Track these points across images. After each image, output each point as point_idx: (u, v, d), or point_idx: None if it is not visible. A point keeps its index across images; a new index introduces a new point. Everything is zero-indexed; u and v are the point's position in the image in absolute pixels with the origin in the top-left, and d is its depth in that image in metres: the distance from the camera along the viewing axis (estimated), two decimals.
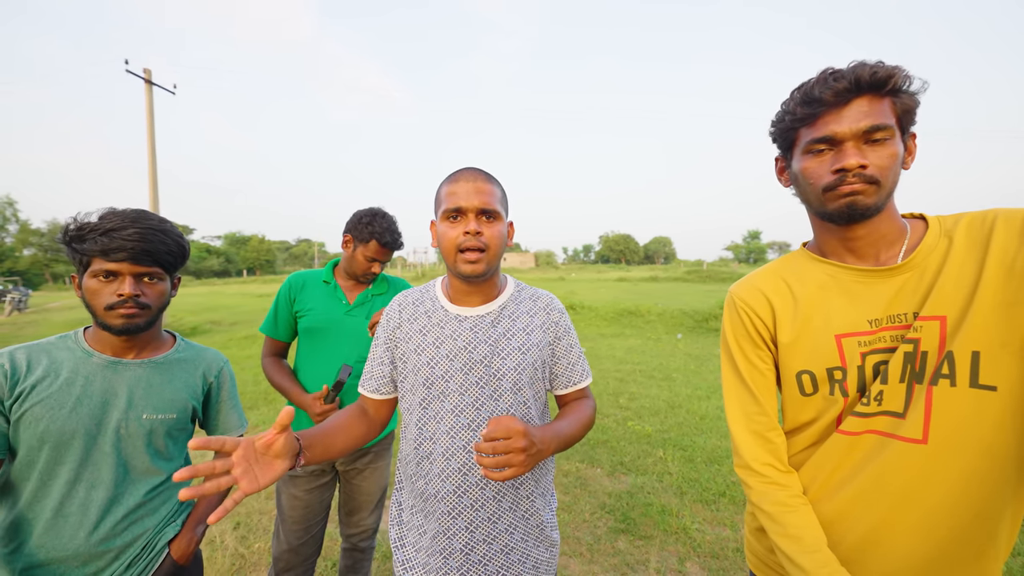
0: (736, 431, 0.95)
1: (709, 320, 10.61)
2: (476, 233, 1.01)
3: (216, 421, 1.30)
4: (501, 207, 1.07)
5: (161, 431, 1.13)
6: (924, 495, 0.78)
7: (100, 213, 1.06)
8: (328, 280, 1.84)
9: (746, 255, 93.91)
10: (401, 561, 1.09)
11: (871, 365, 0.82)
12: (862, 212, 0.80)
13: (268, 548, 2.55)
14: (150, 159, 12.84)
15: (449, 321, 1.10)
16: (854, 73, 0.77)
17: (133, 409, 1.09)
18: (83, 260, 1.05)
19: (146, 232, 1.05)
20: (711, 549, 2.55)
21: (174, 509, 1.17)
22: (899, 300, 0.82)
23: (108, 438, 1.06)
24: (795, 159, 0.87)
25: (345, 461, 1.79)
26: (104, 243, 1.01)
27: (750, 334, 0.94)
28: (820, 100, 0.80)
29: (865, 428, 0.82)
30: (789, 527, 0.84)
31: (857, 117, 0.78)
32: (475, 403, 1.04)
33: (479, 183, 1.04)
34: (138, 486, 1.10)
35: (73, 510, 1.02)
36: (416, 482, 1.08)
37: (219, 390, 1.28)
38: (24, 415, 0.99)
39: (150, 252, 1.05)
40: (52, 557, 1.00)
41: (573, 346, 1.17)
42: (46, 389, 1.01)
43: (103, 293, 1.04)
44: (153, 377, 1.14)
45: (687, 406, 5.04)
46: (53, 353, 1.06)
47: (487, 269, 1.04)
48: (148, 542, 1.11)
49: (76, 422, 1.02)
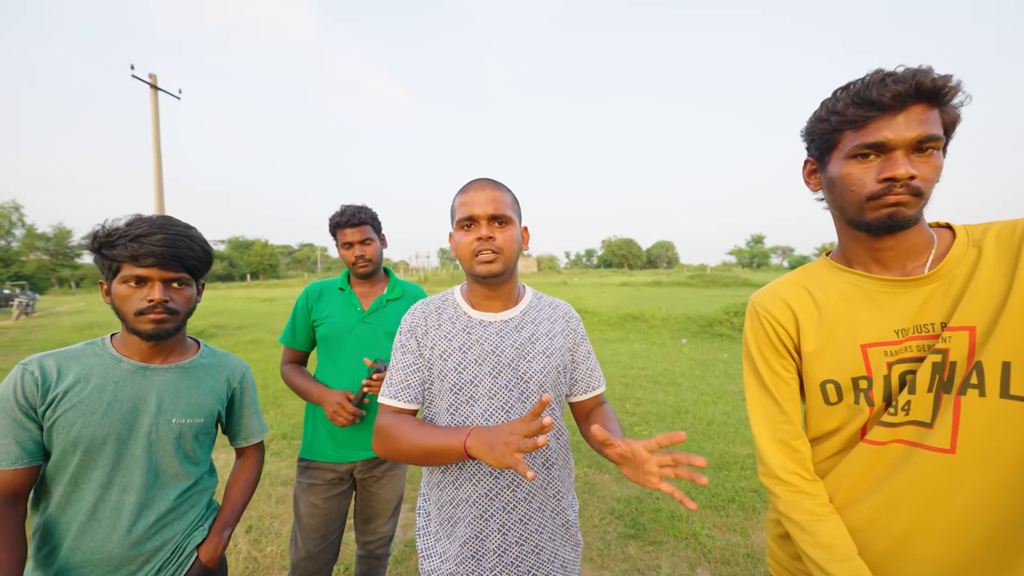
0: (761, 440, 0.95)
1: (713, 325, 10.59)
2: (488, 238, 1.05)
3: (239, 426, 1.31)
4: (512, 212, 1.10)
5: (189, 435, 1.14)
6: (951, 503, 0.78)
7: (127, 220, 1.07)
8: (343, 287, 1.85)
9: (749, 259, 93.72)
10: (428, 572, 1.10)
11: (897, 375, 0.83)
12: (902, 223, 0.79)
13: (281, 552, 2.56)
14: (155, 163, 12.92)
15: (474, 326, 1.11)
16: (915, 78, 0.74)
17: (163, 414, 1.10)
18: (112, 266, 1.06)
19: (173, 238, 1.06)
20: (721, 555, 2.55)
21: (201, 514, 1.19)
22: (927, 310, 0.82)
23: (140, 442, 1.07)
24: (834, 163, 0.84)
25: (363, 469, 1.79)
26: (134, 249, 1.03)
27: (773, 343, 0.94)
28: (875, 103, 0.76)
29: (892, 438, 0.83)
30: (820, 536, 0.84)
31: (911, 125, 0.75)
32: (504, 406, 1.06)
33: (488, 191, 1.07)
34: (168, 490, 1.12)
35: (106, 513, 1.03)
36: (444, 490, 1.09)
37: (242, 395, 1.29)
38: (57, 421, 1.01)
39: (178, 257, 1.07)
40: (86, 560, 1.01)
41: (590, 353, 1.21)
42: (77, 395, 1.03)
43: (133, 299, 1.05)
44: (181, 382, 1.15)
45: (693, 411, 5.04)
46: (82, 359, 1.07)
47: (503, 268, 1.07)
48: (177, 546, 1.12)
49: (108, 427, 1.04)
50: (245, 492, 1.30)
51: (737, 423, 4.67)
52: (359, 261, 1.79)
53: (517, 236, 1.10)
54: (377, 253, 1.84)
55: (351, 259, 1.80)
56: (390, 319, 1.83)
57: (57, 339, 10.25)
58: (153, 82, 13.16)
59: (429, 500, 1.16)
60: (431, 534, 1.13)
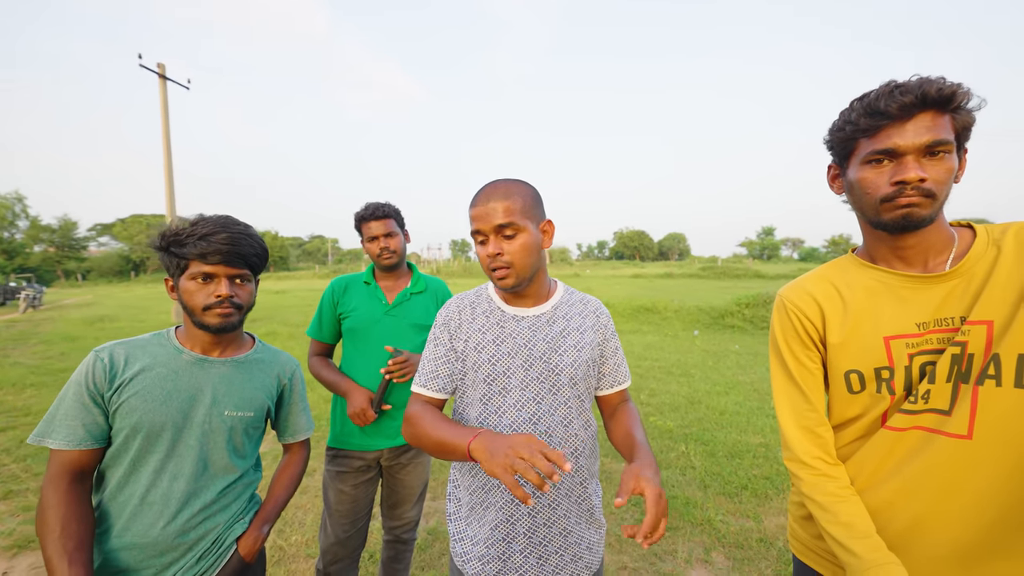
0: (786, 426, 1.00)
1: (725, 316, 10.57)
2: (496, 254, 1.06)
3: (287, 422, 1.35)
4: (522, 218, 1.06)
5: (240, 428, 1.19)
6: (968, 486, 0.83)
7: (192, 220, 1.13)
8: (368, 281, 1.91)
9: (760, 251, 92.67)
10: (460, 554, 1.15)
11: (918, 366, 0.87)
12: (917, 223, 0.84)
13: (305, 541, 2.65)
14: (165, 154, 12.96)
15: (508, 320, 1.15)
16: (921, 88, 0.79)
17: (217, 405, 1.15)
18: (180, 264, 1.11)
19: (236, 236, 1.12)
20: (735, 540, 2.60)
21: (243, 507, 1.23)
22: (947, 305, 0.86)
23: (194, 432, 1.12)
24: (852, 168, 0.90)
25: (389, 456, 1.86)
26: (202, 247, 1.08)
27: (799, 335, 0.98)
28: (884, 112, 0.82)
29: (911, 424, 0.87)
30: (841, 515, 0.89)
31: (920, 132, 0.80)
32: (535, 398, 1.10)
33: (493, 202, 1.06)
34: (215, 482, 1.16)
35: (156, 499, 1.08)
36: (476, 476, 1.14)
37: (291, 392, 1.34)
38: (122, 406, 1.06)
39: (241, 255, 1.12)
40: (134, 543, 1.06)
41: (618, 349, 1.24)
42: (141, 382, 1.08)
43: (201, 294, 1.11)
44: (235, 375, 1.20)
45: (707, 402, 5.08)
46: (149, 349, 1.13)
47: (516, 282, 1.09)
48: (218, 537, 1.16)
49: (166, 414, 1.09)
50: (288, 488, 1.34)
51: (749, 413, 4.70)
52: (383, 253, 1.85)
53: (532, 241, 1.08)
54: (401, 246, 1.90)
55: (376, 251, 1.86)
56: (414, 312, 1.89)
57: (66, 332, 10.30)
58: (162, 72, 13.11)
59: (459, 486, 1.21)
60: (462, 518, 1.18)
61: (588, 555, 1.17)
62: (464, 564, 1.14)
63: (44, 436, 1.03)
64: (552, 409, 1.11)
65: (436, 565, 2.45)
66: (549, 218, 1.16)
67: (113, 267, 51.40)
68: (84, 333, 10.18)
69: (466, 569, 1.13)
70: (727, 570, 2.38)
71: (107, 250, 56.06)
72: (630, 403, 1.26)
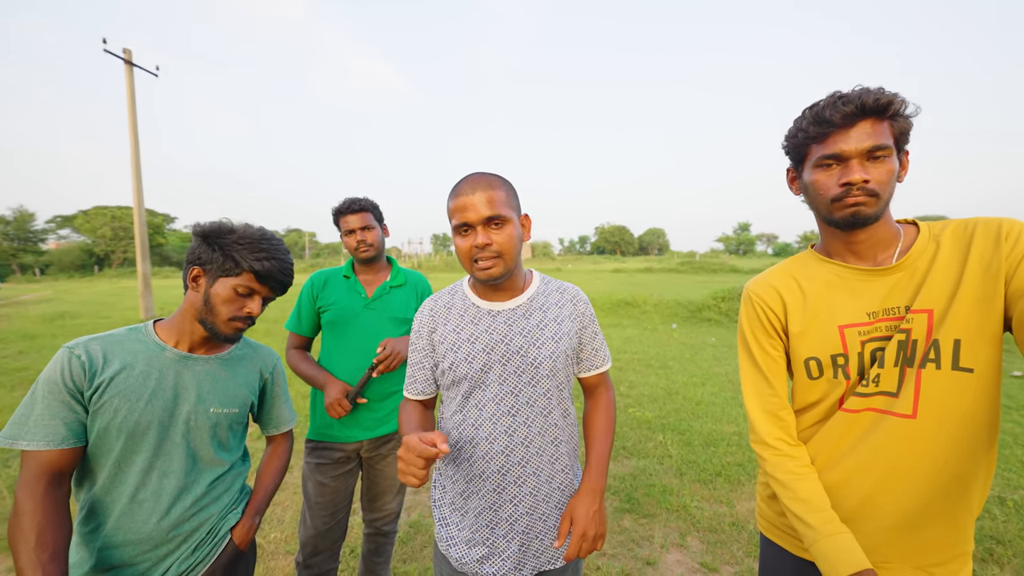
0: (752, 411, 1.06)
1: (702, 310, 10.80)
2: (485, 245, 1.06)
3: (270, 415, 1.36)
4: (507, 209, 1.08)
5: (224, 424, 1.19)
6: (912, 462, 0.90)
7: (257, 234, 1.14)
8: (348, 275, 1.91)
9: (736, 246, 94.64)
10: (445, 539, 1.19)
11: (869, 352, 0.94)
12: (863, 220, 0.91)
13: (284, 538, 2.64)
14: (132, 144, 12.44)
15: (483, 317, 1.17)
16: (860, 99, 0.87)
17: (202, 403, 1.14)
18: (232, 269, 1.12)
19: (288, 266, 1.18)
20: (709, 524, 2.70)
21: (235, 497, 1.24)
22: (894, 295, 0.93)
23: (179, 429, 1.11)
24: (806, 171, 0.98)
25: (369, 448, 1.87)
26: (267, 268, 1.12)
27: (764, 326, 1.05)
28: (830, 121, 0.90)
29: (864, 406, 0.94)
30: (799, 492, 0.96)
31: (861, 138, 0.88)
32: (514, 391, 1.13)
33: (479, 193, 1.06)
34: (204, 476, 1.16)
35: (147, 496, 1.07)
36: (460, 466, 1.17)
37: (273, 385, 1.34)
38: (103, 406, 1.04)
39: (285, 285, 1.19)
40: (127, 539, 1.06)
41: (597, 334, 1.26)
42: (123, 381, 1.06)
43: (234, 304, 1.13)
44: (218, 373, 1.19)
45: (684, 393, 5.20)
46: (126, 345, 1.10)
47: (503, 272, 1.09)
48: (212, 528, 1.17)
49: (151, 414, 1.07)
50: (276, 478, 1.35)
51: (724, 403, 4.84)
52: (360, 246, 1.86)
53: (516, 232, 1.10)
54: (378, 239, 1.90)
55: (353, 244, 1.87)
56: (394, 305, 1.91)
57: (23, 330, 9.78)
58: (128, 58, 12.55)
59: (444, 475, 1.24)
60: (447, 504, 1.21)
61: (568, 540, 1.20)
62: (448, 549, 1.17)
63: (16, 438, 0.98)
64: (531, 401, 1.13)
65: (418, 558, 2.47)
66: (526, 212, 1.19)
67: (74, 261, 48.98)
68: (43, 331, 9.72)
69: (450, 553, 1.16)
70: (701, 553, 2.47)
71: (68, 243, 53.67)
72: (608, 393, 1.29)
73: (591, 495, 1.13)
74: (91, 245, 50.40)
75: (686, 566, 2.38)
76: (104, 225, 49.01)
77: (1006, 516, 2.70)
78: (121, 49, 12.52)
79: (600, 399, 1.28)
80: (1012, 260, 0.83)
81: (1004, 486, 3.07)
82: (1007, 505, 2.81)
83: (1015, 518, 2.67)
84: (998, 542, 2.47)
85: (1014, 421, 4.16)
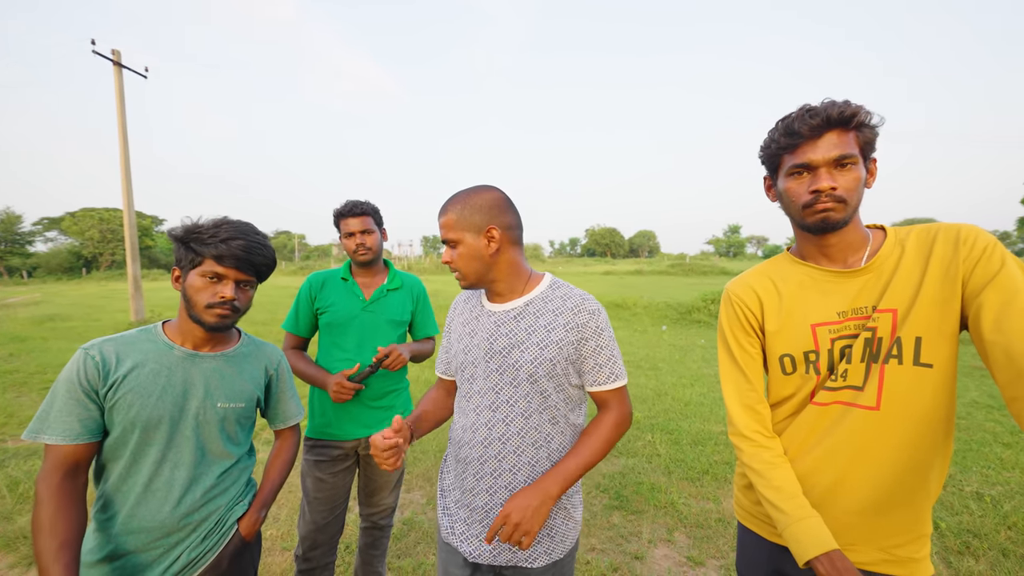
0: (731, 405, 1.13)
1: (692, 312, 10.93)
2: (448, 263, 1.21)
3: (277, 410, 1.41)
4: (458, 231, 1.17)
5: (232, 418, 1.24)
6: (876, 451, 0.97)
7: (215, 221, 1.18)
8: (346, 277, 1.95)
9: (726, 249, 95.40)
10: (443, 507, 1.30)
11: (838, 349, 1.01)
12: (833, 225, 0.98)
13: (281, 535, 2.68)
14: (121, 146, 12.34)
15: (482, 315, 1.26)
16: (826, 111, 0.94)
17: (210, 398, 1.20)
18: (195, 260, 1.16)
19: (253, 245, 1.18)
20: (696, 520, 2.78)
21: (242, 489, 1.30)
22: (862, 295, 1.00)
23: (189, 423, 1.17)
24: (780, 180, 1.05)
25: (366, 446, 1.91)
26: (222, 249, 1.13)
27: (743, 324, 1.11)
28: (799, 133, 0.96)
29: (833, 400, 1.01)
30: (773, 480, 1.03)
31: (828, 148, 0.95)
32: (495, 387, 1.19)
33: (441, 217, 1.21)
34: (213, 468, 1.22)
35: (160, 486, 1.14)
36: (458, 448, 1.26)
37: (278, 381, 1.39)
38: (118, 402, 1.10)
39: (253, 264, 1.19)
40: (141, 527, 1.12)
41: (603, 348, 1.17)
42: (135, 379, 1.12)
43: (206, 292, 1.16)
44: (225, 369, 1.25)
45: (673, 393, 5.30)
46: (138, 346, 1.17)
47: (467, 284, 1.23)
48: (220, 518, 1.23)
49: (162, 409, 1.13)
50: (283, 471, 1.40)
51: (712, 403, 4.93)
52: (359, 249, 1.91)
53: (469, 250, 1.17)
54: (377, 243, 1.95)
55: (352, 247, 1.92)
56: (391, 308, 1.96)
57: (13, 332, 9.70)
58: (117, 59, 12.46)
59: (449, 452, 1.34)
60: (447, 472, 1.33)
61: (545, 542, 1.20)
62: (443, 514, 1.28)
63: (39, 432, 1.06)
64: (511, 400, 1.17)
65: (412, 553, 2.52)
66: (494, 225, 1.17)
67: (62, 264, 48.28)
68: (33, 333, 9.63)
69: (442, 522, 1.28)
70: (688, 548, 2.55)
71: (56, 246, 52.87)
72: (615, 413, 1.20)
73: (537, 492, 1.08)
74: (79, 247, 49.65)
75: (673, 560, 2.45)
76: (92, 227, 48.28)
77: (983, 511, 2.80)
78: (110, 50, 12.43)
79: (604, 416, 1.20)
80: (968, 264, 0.90)
81: (982, 482, 3.18)
82: (984, 500, 2.92)
83: (991, 513, 2.78)
84: (975, 536, 2.57)
85: (995, 420, 4.30)
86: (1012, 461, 3.45)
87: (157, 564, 1.13)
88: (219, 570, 1.21)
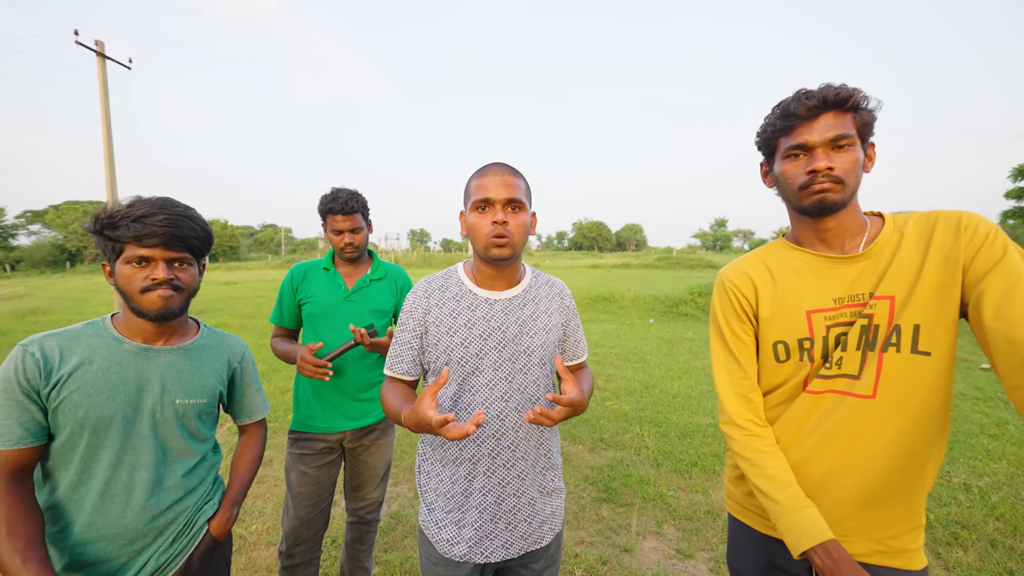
0: (723, 392, 1.10)
1: (679, 305, 10.98)
2: (503, 222, 1.11)
3: (241, 404, 1.34)
4: (525, 198, 1.15)
5: (192, 415, 1.17)
6: (870, 440, 0.95)
7: (128, 201, 1.07)
8: (328, 267, 1.91)
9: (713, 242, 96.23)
10: (431, 523, 1.21)
11: (833, 336, 0.99)
12: (830, 206, 0.96)
13: (266, 529, 2.63)
14: (105, 138, 12.11)
15: (480, 303, 1.19)
16: (822, 93, 0.93)
17: (167, 395, 1.12)
18: (116, 248, 1.06)
19: (175, 218, 1.06)
20: (685, 512, 2.78)
21: (208, 489, 1.23)
22: (859, 282, 0.98)
23: (145, 422, 1.09)
24: (776, 163, 1.03)
25: (352, 438, 1.88)
26: (137, 229, 1.02)
27: (736, 310, 1.09)
28: (795, 114, 0.95)
29: (826, 388, 0.99)
30: (766, 469, 1.01)
31: (825, 128, 0.94)
32: (507, 377, 1.16)
33: (505, 176, 1.13)
34: (176, 467, 1.14)
35: (118, 491, 1.06)
36: (448, 449, 1.20)
37: (243, 374, 1.32)
38: (63, 402, 1.01)
39: (180, 238, 1.07)
40: (102, 535, 1.04)
41: (579, 326, 1.35)
42: (83, 376, 1.03)
43: (137, 278, 1.06)
44: (183, 363, 1.16)
45: (660, 386, 5.31)
46: (84, 340, 1.07)
47: (512, 254, 1.13)
48: (188, 520, 1.16)
49: (114, 407, 1.05)
50: (251, 468, 1.34)
51: (700, 396, 4.95)
52: (347, 248, 1.86)
53: (527, 222, 1.16)
54: (364, 241, 1.91)
55: (340, 245, 1.87)
56: (374, 298, 1.91)
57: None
58: (100, 50, 12.19)
59: (424, 455, 1.27)
60: (431, 489, 1.23)
61: (551, 520, 1.25)
62: (437, 533, 1.20)
63: None
64: (523, 388, 1.17)
65: (399, 547, 2.49)
66: (533, 211, 1.24)
67: (46, 257, 47.21)
68: (15, 327, 9.42)
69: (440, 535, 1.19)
70: (677, 540, 2.54)
71: (39, 239, 51.65)
72: (587, 370, 1.38)
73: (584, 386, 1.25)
74: (63, 241, 48.58)
75: (662, 552, 2.45)
76: (76, 220, 47.21)
77: (971, 502, 2.83)
78: (93, 41, 12.12)
79: (586, 371, 1.37)
80: (969, 251, 0.88)
81: (970, 473, 3.21)
82: (972, 491, 2.95)
83: (979, 504, 2.81)
84: (963, 527, 2.60)
85: (981, 412, 4.36)
86: (999, 452, 3.51)
87: (122, 573, 1.06)
88: (190, 573, 1.15)
